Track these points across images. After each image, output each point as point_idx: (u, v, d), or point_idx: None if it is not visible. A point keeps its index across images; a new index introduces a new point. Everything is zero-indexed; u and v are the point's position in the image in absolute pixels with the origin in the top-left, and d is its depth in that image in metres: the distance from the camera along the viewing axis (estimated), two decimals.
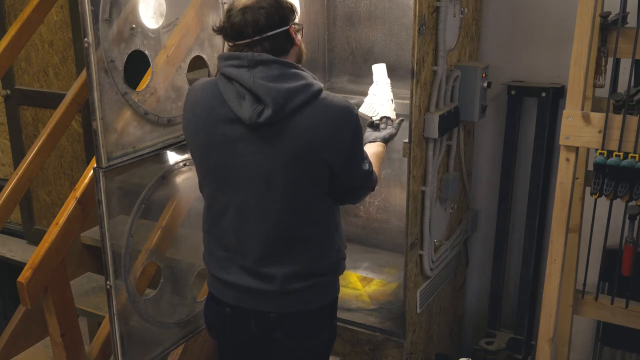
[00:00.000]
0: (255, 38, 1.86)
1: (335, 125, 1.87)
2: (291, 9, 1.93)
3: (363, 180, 2.03)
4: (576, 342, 2.94)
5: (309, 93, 1.86)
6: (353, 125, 1.90)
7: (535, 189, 3.08)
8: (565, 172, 2.18)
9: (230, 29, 1.89)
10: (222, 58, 1.91)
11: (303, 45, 2.01)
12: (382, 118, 2.35)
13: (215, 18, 2.46)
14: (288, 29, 1.91)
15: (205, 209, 2.06)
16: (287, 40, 1.92)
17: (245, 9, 1.86)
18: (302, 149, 1.86)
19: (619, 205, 2.25)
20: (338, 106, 1.89)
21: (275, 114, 1.82)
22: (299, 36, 1.97)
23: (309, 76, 1.91)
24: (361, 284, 3.16)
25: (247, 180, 1.91)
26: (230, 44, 1.92)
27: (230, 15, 1.89)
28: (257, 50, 1.87)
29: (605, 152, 2.13)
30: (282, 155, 1.86)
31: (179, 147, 2.37)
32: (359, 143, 1.98)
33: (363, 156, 2.01)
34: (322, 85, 1.92)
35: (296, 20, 1.96)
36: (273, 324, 2.02)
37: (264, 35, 1.87)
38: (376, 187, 2.12)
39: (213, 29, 1.99)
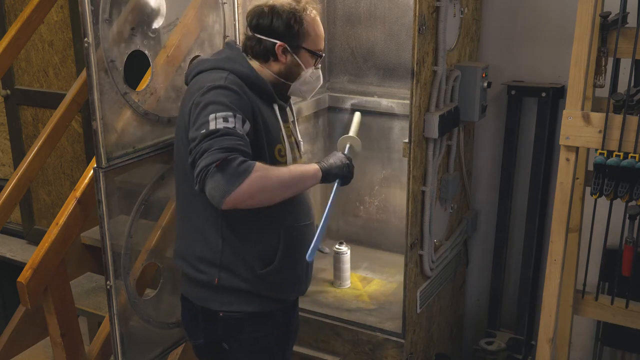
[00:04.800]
0: (248, 33, 2.00)
1: (197, 90, 1.86)
2: (289, 30, 1.93)
3: (195, 149, 1.75)
4: (576, 342, 2.93)
5: (206, 70, 1.93)
6: (208, 86, 1.83)
7: (535, 189, 3.08)
8: (565, 172, 2.18)
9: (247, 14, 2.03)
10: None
11: (297, 69, 1.99)
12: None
13: (215, 18, 2.46)
14: (275, 43, 1.95)
15: None
16: (269, 51, 1.97)
17: (264, 5, 1.97)
18: (179, 120, 1.98)
19: (619, 205, 2.25)
20: (211, 77, 1.88)
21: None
22: (287, 57, 1.96)
23: (230, 71, 1.89)
24: (361, 284, 3.15)
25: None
26: None
27: (257, 4, 2.01)
28: (249, 45, 1.99)
29: (605, 152, 2.13)
30: (176, 140, 2.02)
31: None
32: (204, 104, 1.80)
33: (204, 119, 1.76)
34: (224, 83, 1.85)
35: (305, 45, 1.97)
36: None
37: (254, 35, 1.98)
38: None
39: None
